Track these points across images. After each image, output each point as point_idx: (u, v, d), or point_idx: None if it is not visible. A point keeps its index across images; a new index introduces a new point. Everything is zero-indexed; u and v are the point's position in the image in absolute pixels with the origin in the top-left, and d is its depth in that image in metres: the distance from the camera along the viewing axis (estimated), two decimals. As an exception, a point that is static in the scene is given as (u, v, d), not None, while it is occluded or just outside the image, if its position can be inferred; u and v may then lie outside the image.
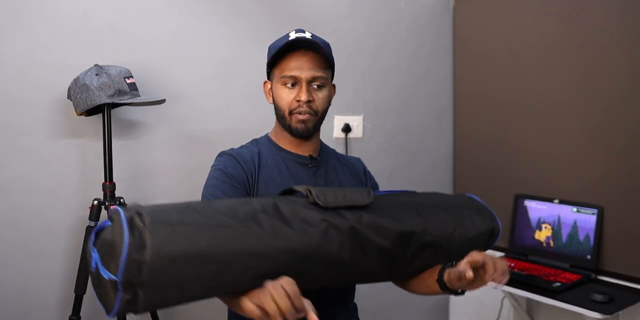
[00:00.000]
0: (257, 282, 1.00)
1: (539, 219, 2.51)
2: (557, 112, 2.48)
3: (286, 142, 1.44)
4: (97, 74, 1.77)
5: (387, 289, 2.80)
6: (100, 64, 1.82)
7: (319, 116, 1.39)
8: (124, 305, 0.95)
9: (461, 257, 1.20)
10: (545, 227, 2.48)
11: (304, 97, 1.34)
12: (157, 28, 2.05)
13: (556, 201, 2.46)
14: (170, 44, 2.08)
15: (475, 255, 1.18)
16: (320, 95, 1.38)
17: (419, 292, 1.40)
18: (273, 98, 1.42)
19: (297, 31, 1.37)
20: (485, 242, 1.39)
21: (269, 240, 1.04)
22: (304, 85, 1.35)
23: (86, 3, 1.91)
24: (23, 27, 1.81)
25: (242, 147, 1.46)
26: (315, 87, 1.37)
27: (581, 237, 2.36)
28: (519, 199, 2.59)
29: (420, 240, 1.22)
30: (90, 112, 1.86)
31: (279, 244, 1.05)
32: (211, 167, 1.41)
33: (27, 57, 1.82)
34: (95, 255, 0.97)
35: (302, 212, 1.11)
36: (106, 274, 0.94)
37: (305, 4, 2.40)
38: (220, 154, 1.43)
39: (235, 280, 1.02)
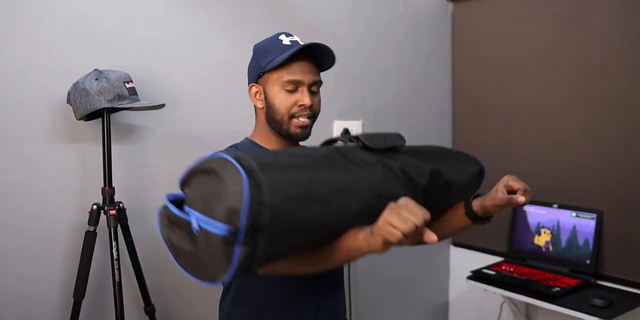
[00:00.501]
0: (357, 221, 1.02)
1: (538, 224, 2.51)
2: (556, 116, 2.49)
3: (274, 145, 1.42)
4: (96, 79, 1.76)
5: (386, 294, 2.80)
6: (100, 69, 1.81)
7: (315, 119, 1.40)
8: (244, 260, 0.88)
9: (471, 193, 1.37)
10: (545, 232, 2.48)
11: (307, 101, 1.34)
12: (156, 32, 2.05)
13: (555, 206, 2.46)
14: (169, 48, 2.08)
15: (509, 181, 1.29)
16: (316, 99, 1.39)
17: (445, 232, 1.43)
18: (267, 102, 1.38)
19: (287, 35, 1.38)
20: (479, 181, 1.48)
21: (351, 179, 1.06)
22: (306, 89, 1.35)
23: (86, 7, 1.90)
24: (23, 30, 1.81)
25: (226, 149, 1.43)
26: (313, 90, 1.38)
27: (580, 241, 2.36)
28: (518, 203, 2.59)
29: (443, 179, 1.29)
30: (89, 116, 1.85)
31: (359, 182, 1.07)
32: None
33: (26, 61, 1.82)
34: (195, 214, 0.91)
35: (360, 154, 1.15)
36: (218, 228, 0.87)
37: (304, 8, 2.40)
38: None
39: (339, 218, 1.02)
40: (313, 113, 1.38)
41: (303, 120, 1.36)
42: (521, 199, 1.24)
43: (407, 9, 2.74)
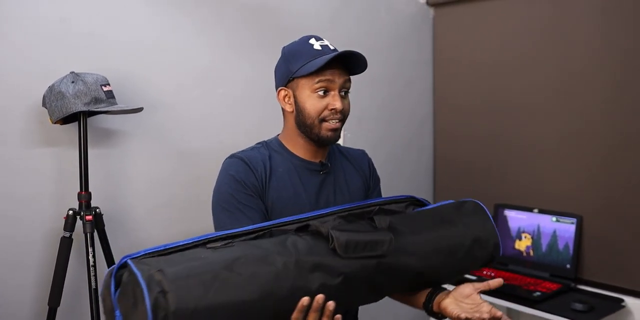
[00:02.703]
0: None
1: (519, 229, 2.52)
2: (536, 122, 2.50)
3: (300, 149, 1.44)
4: (73, 82, 1.74)
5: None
6: (76, 72, 1.79)
7: (344, 123, 1.41)
8: None
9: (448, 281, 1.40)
10: (525, 237, 2.49)
11: (339, 105, 1.35)
12: (135, 36, 2.03)
13: (536, 210, 2.47)
14: (148, 52, 2.06)
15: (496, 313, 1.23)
16: (347, 103, 1.40)
17: (400, 298, 1.45)
18: (297, 106, 1.38)
19: (317, 39, 1.39)
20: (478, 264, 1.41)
21: (282, 285, 1.07)
22: (337, 93, 1.36)
23: (63, 9, 1.87)
24: (-3, 33, 1.78)
25: (252, 149, 1.45)
26: (343, 94, 1.38)
27: (560, 246, 2.37)
28: (499, 208, 2.60)
29: (423, 278, 1.27)
30: (66, 120, 1.82)
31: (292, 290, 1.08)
32: (221, 170, 1.41)
33: (0, 63, 1.78)
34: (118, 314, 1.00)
35: (323, 263, 1.11)
36: None
37: (286, 14, 2.39)
38: (231, 157, 1.42)
39: None
40: (343, 116, 1.39)
41: (334, 123, 1.37)
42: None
43: (389, 16, 2.75)
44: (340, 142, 2.57)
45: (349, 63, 1.37)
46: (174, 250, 1.10)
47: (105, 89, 1.79)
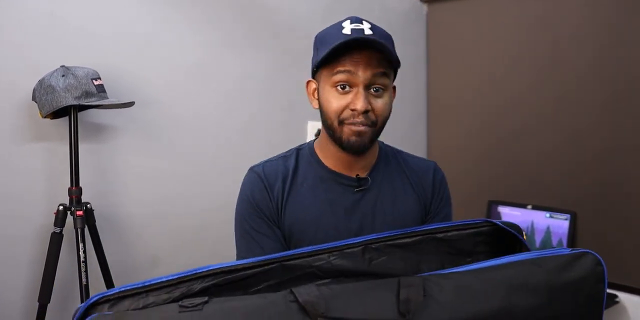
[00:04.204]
0: None
1: (513, 225, 2.51)
2: (530, 118, 2.49)
3: (331, 158, 1.20)
4: (63, 75, 1.72)
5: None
6: (67, 65, 1.77)
7: (377, 128, 1.14)
8: None
9: None
10: (519, 233, 2.48)
11: (360, 105, 1.08)
12: (127, 30, 2.01)
13: (529, 207, 2.46)
14: (141, 46, 2.04)
15: None
16: (380, 103, 1.12)
17: None
18: (320, 102, 1.16)
19: (352, 21, 1.14)
20: None
21: None
22: (360, 90, 1.10)
23: (54, 3, 1.86)
24: (-13, 26, 1.76)
25: (278, 158, 1.24)
26: (374, 91, 1.12)
27: (554, 242, 2.36)
28: (492, 205, 2.59)
29: None
30: (56, 114, 1.80)
31: None
32: (241, 185, 1.23)
33: (-10, 58, 1.77)
34: None
35: None
36: None
37: (278, 9, 2.38)
38: (250, 170, 1.23)
39: None
40: (371, 120, 1.11)
41: (356, 127, 1.10)
42: None
43: (382, 12, 2.74)
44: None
45: (381, 53, 1.11)
46: (143, 293, 0.89)
47: (96, 83, 1.77)
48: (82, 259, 1.75)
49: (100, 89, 1.78)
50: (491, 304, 0.80)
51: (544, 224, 2.40)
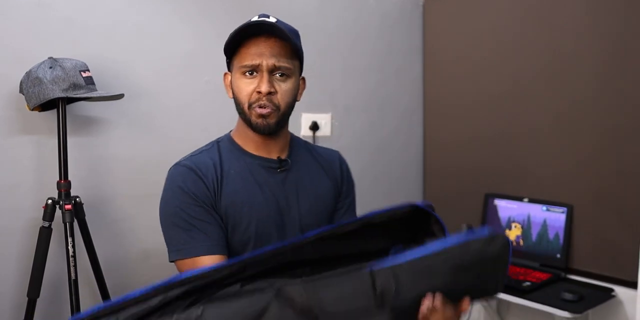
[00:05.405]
0: None
1: (509, 218, 2.49)
2: (526, 111, 2.47)
3: (250, 143, 1.29)
4: (50, 67, 1.69)
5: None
6: (55, 57, 1.74)
7: (282, 111, 1.24)
8: None
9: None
10: (515, 226, 2.46)
11: (264, 87, 1.19)
12: (116, 21, 1.97)
13: (526, 200, 2.44)
14: (130, 37, 2.00)
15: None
16: (283, 87, 1.22)
17: None
18: (233, 91, 1.26)
19: (260, 16, 1.23)
20: None
21: None
22: (264, 74, 1.20)
23: (41, -6, 1.83)
24: (-28, 17, 1.73)
25: (201, 152, 1.30)
26: (279, 76, 1.22)
27: (551, 236, 2.34)
28: (488, 198, 2.57)
29: None
30: (44, 107, 1.78)
31: None
32: (166, 181, 1.27)
33: (-24, 49, 1.74)
34: None
35: None
36: None
37: (273, 0, 2.34)
38: (176, 165, 1.28)
39: None
40: (274, 103, 1.21)
41: (261, 110, 1.21)
42: None
43: (378, 3, 2.70)
44: (328, 131, 2.53)
45: (282, 40, 1.21)
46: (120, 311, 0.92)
47: (84, 74, 1.74)
48: (71, 253, 1.72)
49: (89, 81, 1.75)
50: (443, 279, 0.98)
51: (540, 217, 2.39)
